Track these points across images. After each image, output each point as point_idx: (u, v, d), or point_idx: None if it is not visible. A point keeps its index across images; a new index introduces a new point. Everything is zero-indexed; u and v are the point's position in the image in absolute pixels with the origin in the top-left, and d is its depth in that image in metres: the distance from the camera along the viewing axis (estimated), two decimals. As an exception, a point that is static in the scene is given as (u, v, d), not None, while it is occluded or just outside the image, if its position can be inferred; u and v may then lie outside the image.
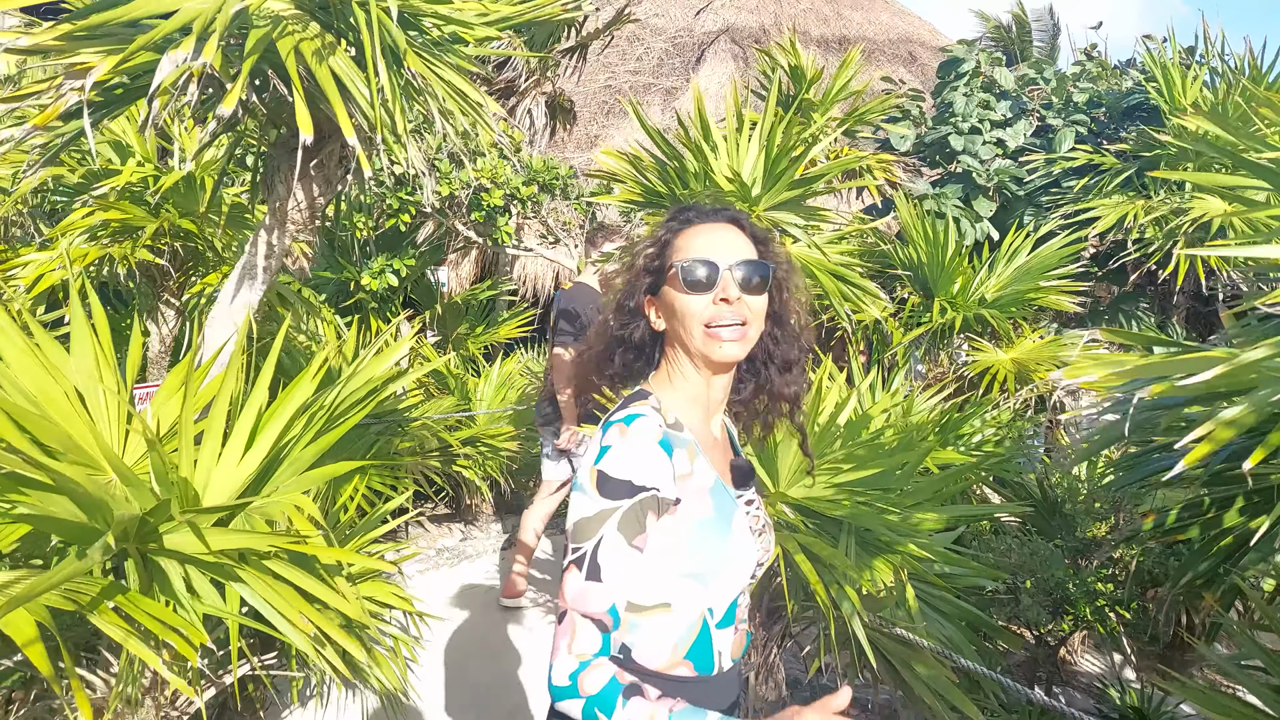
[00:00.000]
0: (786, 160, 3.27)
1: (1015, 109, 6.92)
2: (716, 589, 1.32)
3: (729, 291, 1.30)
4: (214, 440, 2.03)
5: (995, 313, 5.01)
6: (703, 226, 1.38)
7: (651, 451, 1.25)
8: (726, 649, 1.38)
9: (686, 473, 1.30)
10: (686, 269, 1.30)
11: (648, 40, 12.35)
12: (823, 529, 2.89)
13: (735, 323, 1.30)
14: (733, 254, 1.33)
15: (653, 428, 1.27)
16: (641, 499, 1.22)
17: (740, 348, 1.32)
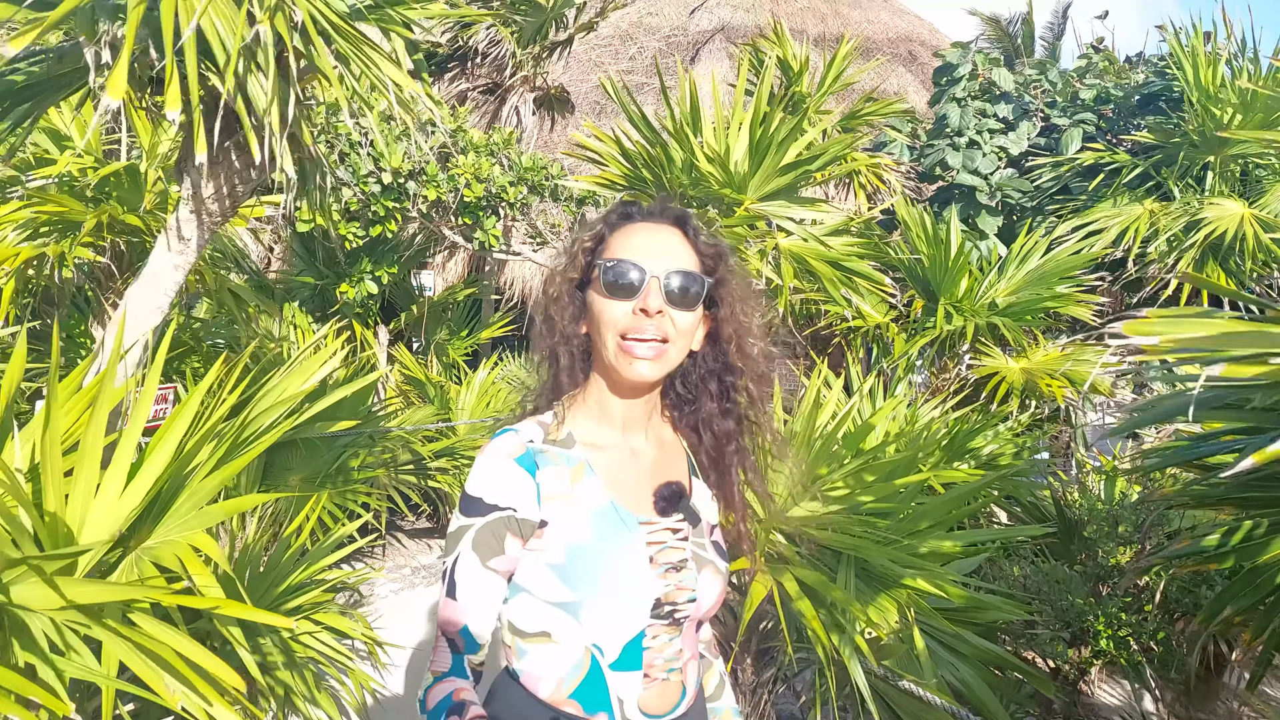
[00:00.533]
0: (774, 143, 2.94)
1: (1017, 111, 6.59)
2: (594, 624, 1.17)
3: (649, 302, 1.16)
4: (88, 470, 1.68)
5: (1008, 321, 4.68)
6: (642, 225, 1.24)
7: (506, 469, 1.18)
8: (631, 698, 1.21)
9: (560, 494, 1.20)
10: (610, 270, 1.18)
11: (641, 39, 12.05)
12: (819, 560, 2.55)
13: (653, 338, 1.17)
14: (666, 261, 1.19)
15: (514, 445, 1.20)
16: (494, 518, 1.16)
17: (654, 368, 1.18)
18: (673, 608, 1.22)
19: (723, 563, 1.31)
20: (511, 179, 6.30)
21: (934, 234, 4.84)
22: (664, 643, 1.24)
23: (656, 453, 1.32)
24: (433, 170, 5.60)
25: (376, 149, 5.27)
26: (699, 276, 1.21)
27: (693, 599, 1.24)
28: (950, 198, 6.20)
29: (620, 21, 12.57)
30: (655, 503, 1.27)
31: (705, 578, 1.26)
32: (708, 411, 1.32)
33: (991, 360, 4.86)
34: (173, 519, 1.81)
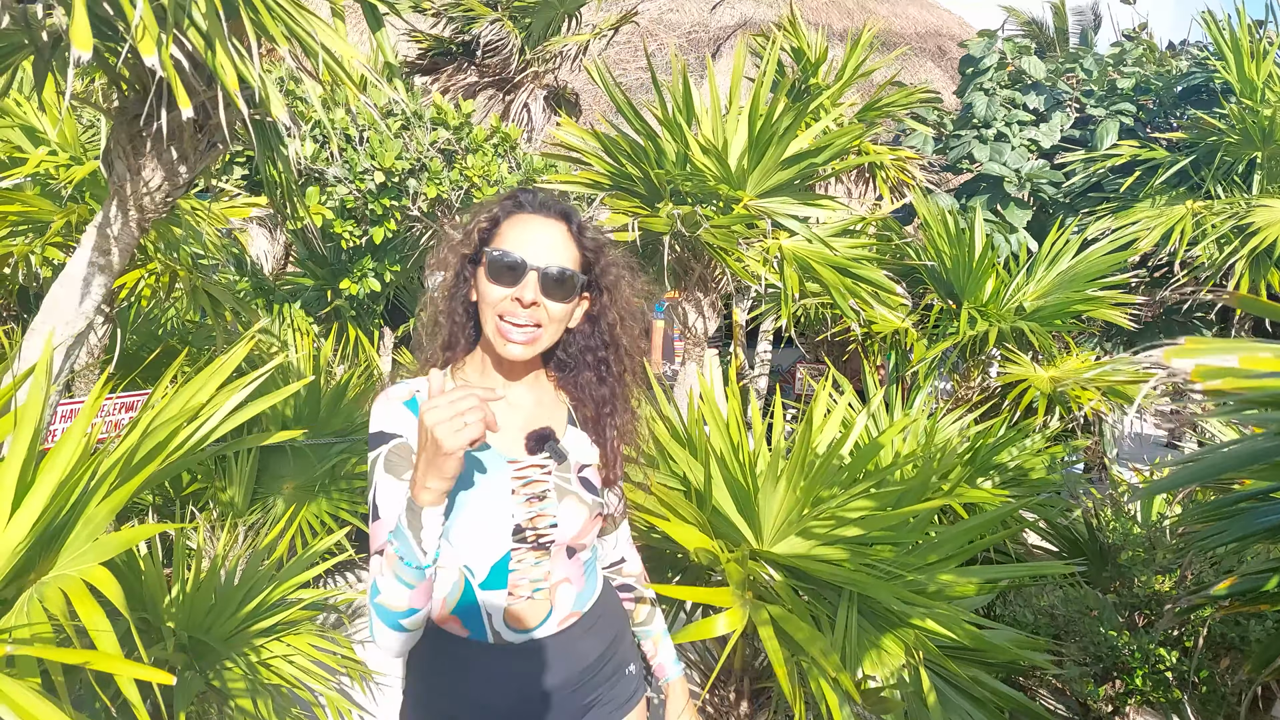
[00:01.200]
0: (775, 134, 2.67)
1: (1049, 101, 6.23)
2: (464, 546, 1.35)
3: (525, 294, 1.33)
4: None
5: (1036, 325, 4.35)
6: (531, 216, 1.39)
7: (394, 409, 1.36)
8: (498, 614, 1.38)
9: None
10: (495, 259, 1.34)
11: (661, 36, 11.80)
12: (817, 597, 2.28)
13: (527, 324, 1.35)
14: (546, 256, 1.35)
15: (401, 392, 1.38)
16: (395, 443, 1.33)
17: (526, 350, 1.36)
18: (535, 533, 1.40)
19: (589, 495, 1.46)
20: (520, 178, 6.07)
21: (957, 233, 4.53)
22: (529, 565, 1.41)
23: (532, 407, 1.48)
24: (435, 167, 5.38)
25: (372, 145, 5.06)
26: (574, 273, 1.37)
27: (554, 524, 1.41)
28: (975, 190, 5.87)
29: (641, 18, 12.32)
30: (526, 444, 1.43)
31: (566, 506, 1.43)
32: (584, 379, 1.52)
33: (1018, 368, 4.54)
34: (69, 551, 1.60)
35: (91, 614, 1.47)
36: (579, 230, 1.42)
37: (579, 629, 1.48)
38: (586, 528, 1.46)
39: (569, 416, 1.53)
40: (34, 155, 3.59)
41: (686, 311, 3.03)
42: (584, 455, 1.50)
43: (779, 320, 5.97)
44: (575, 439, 1.51)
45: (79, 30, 1.44)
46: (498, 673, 1.39)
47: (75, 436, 1.54)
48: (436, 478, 1.16)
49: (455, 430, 1.12)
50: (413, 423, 1.33)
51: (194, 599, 2.80)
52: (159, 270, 3.92)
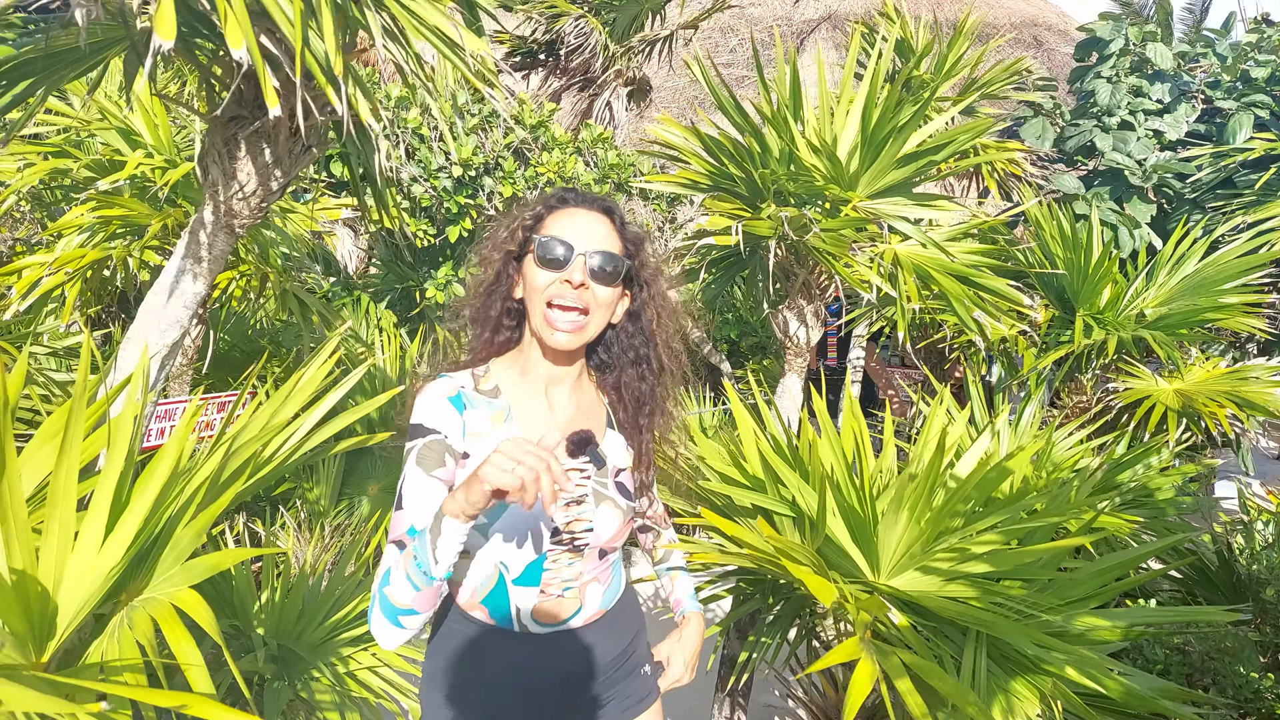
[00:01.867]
0: (890, 129, 2.47)
1: (1175, 91, 5.81)
2: (500, 544, 1.38)
3: (574, 276, 1.36)
4: (62, 520, 1.40)
5: (1160, 334, 4.02)
6: (575, 210, 1.44)
7: (438, 404, 1.39)
8: (527, 609, 1.42)
9: (481, 432, 1.41)
10: (544, 245, 1.37)
11: (742, 31, 11.56)
12: (941, 637, 2.09)
13: (575, 307, 1.37)
14: (592, 242, 1.39)
15: (447, 387, 1.42)
16: (431, 439, 1.35)
17: (572, 339, 1.39)
18: (572, 536, 1.44)
19: (624, 500, 1.51)
20: (596, 176, 5.97)
21: (1072, 233, 4.22)
22: (563, 565, 1.45)
23: (574, 409, 1.51)
24: (510, 166, 5.31)
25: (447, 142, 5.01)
26: (620, 258, 1.42)
27: (590, 529, 1.46)
28: (1094, 184, 5.51)
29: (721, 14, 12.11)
30: (566, 446, 1.46)
31: (603, 511, 1.47)
32: (627, 376, 1.55)
33: (1139, 380, 4.21)
34: (159, 573, 1.53)
35: (183, 643, 1.39)
36: (621, 224, 1.48)
37: (602, 625, 1.52)
38: (620, 532, 1.50)
39: (608, 418, 1.59)
40: (132, 158, 3.62)
41: (788, 320, 2.85)
42: (621, 460, 1.55)
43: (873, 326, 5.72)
44: (613, 442, 1.56)
45: (164, 18, 1.36)
46: (518, 658, 1.43)
47: (170, 455, 1.47)
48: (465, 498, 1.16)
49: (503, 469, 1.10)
50: (453, 418, 1.38)
51: (283, 606, 2.76)
52: (250, 272, 3.93)
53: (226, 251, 2.04)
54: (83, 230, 3.53)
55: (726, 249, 2.80)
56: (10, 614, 1.29)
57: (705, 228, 2.49)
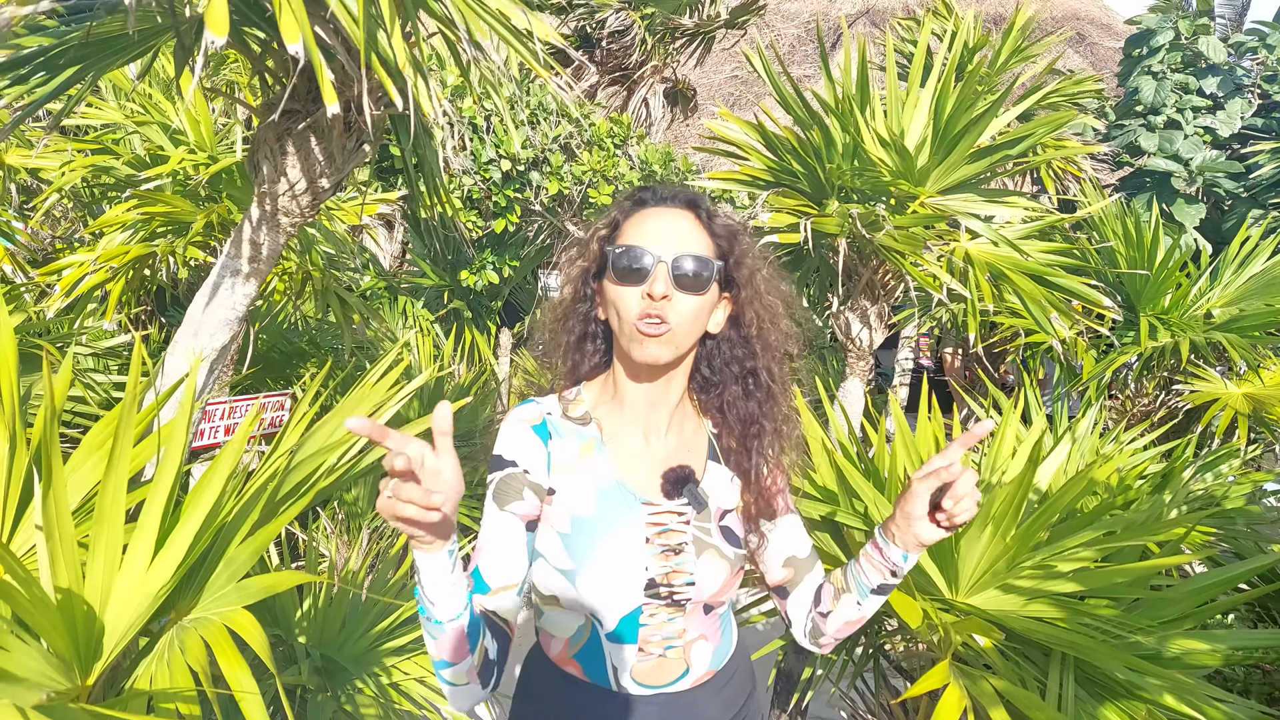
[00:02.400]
0: (966, 123, 2.34)
1: (1227, 85, 5.59)
2: (591, 594, 1.21)
3: (655, 287, 1.18)
4: (109, 535, 1.32)
5: (1234, 337, 3.84)
6: (654, 210, 1.26)
7: (520, 432, 1.25)
8: (625, 668, 1.25)
9: (568, 465, 1.26)
10: (619, 257, 1.21)
11: (779, 27, 11.41)
12: (1023, 659, 1.96)
13: (660, 318, 1.19)
14: (674, 245, 1.21)
15: (532, 414, 1.27)
16: (511, 472, 1.22)
17: (663, 350, 1.20)
18: (669, 589, 1.24)
19: (730, 548, 1.29)
20: (640, 175, 5.86)
21: (1136, 234, 4.06)
22: (662, 621, 1.26)
23: (673, 438, 1.32)
24: (556, 161, 5.21)
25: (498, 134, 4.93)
26: (708, 260, 1.22)
27: (691, 582, 1.25)
28: (1139, 186, 5.31)
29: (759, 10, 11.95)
30: (662, 485, 1.28)
31: (705, 562, 1.26)
32: (731, 394, 1.34)
33: (1207, 384, 4.04)
34: (211, 591, 1.45)
35: (237, 671, 1.30)
36: (709, 218, 1.27)
37: (711, 688, 1.33)
38: (727, 585, 1.29)
39: (710, 449, 1.36)
40: (174, 154, 3.58)
41: (850, 321, 2.73)
42: (725, 499, 1.33)
43: (921, 327, 5.57)
44: (716, 478, 1.34)
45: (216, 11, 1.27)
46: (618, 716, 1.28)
47: (224, 467, 1.39)
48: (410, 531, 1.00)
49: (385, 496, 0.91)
50: (536, 449, 1.24)
51: (326, 615, 2.69)
52: (293, 270, 3.87)
53: (277, 251, 1.96)
54: (125, 228, 3.48)
55: (786, 248, 2.68)
56: (55, 635, 1.21)
57: (769, 225, 2.38)
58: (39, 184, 3.81)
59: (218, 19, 1.26)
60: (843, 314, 2.73)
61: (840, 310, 2.74)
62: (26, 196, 4.14)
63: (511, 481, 1.20)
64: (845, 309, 2.74)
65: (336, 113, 1.48)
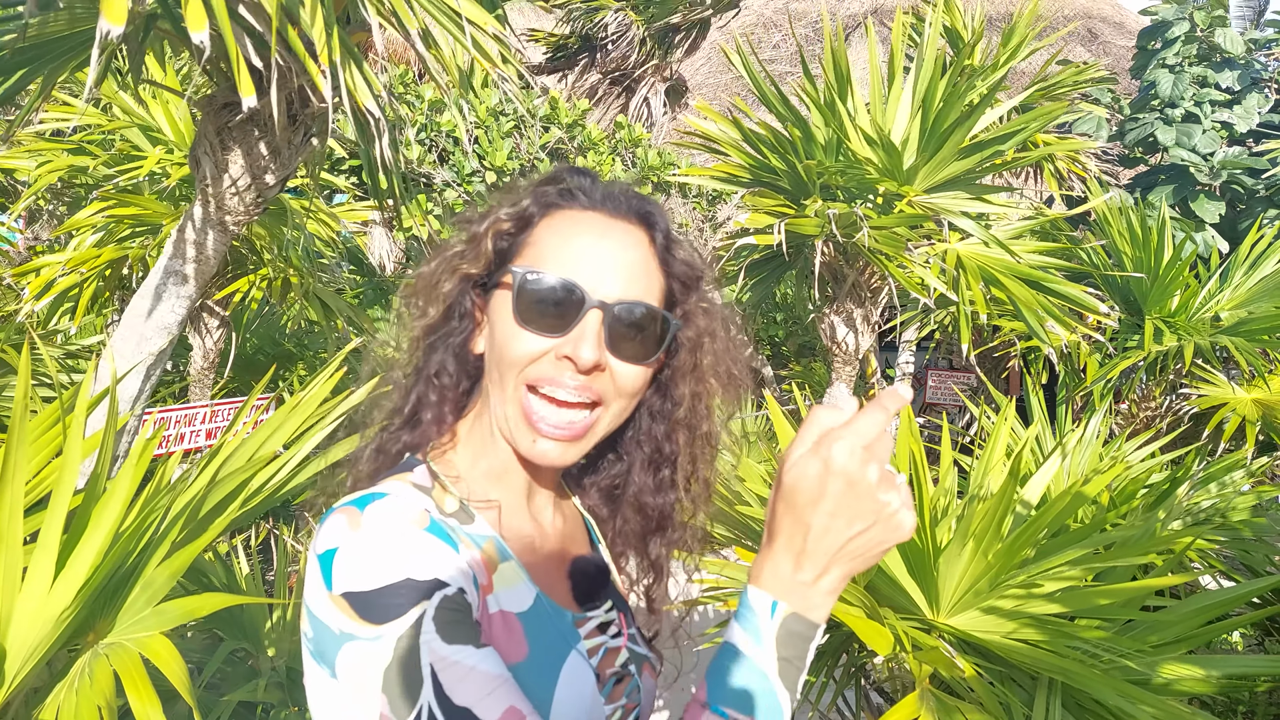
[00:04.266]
0: (955, 117, 2.23)
1: (1245, 79, 5.44)
2: None
3: (582, 352, 0.76)
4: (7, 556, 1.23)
5: (1241, 341, 3.71)
6: (590, 218, 0.83)
7: (424, 540, 0.71)
8: None
9: (484, 585, 0.76)
10: (528, 287, 0.78)
11: (786, 27, 11.29)
12: (1008, 683, 1.85)
13: (578, 401, 0.79)
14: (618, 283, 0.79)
15: (415, 514, 0.72)
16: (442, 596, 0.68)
17: (567, 451, 0.80)
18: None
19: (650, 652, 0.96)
20: (636, 177, 5.77)
21: (1142, 233, 3.92)
22: None
23: (561, 521, 0.94)
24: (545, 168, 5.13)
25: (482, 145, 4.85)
26: (661, 314, 0.83)
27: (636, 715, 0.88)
28: (1155, 181, 5.17)
29: (764, 9, 11.85)
30: (572, 587, 0.88)
31: (645, 682, 0.91)
32: (637, 482, 0.96)
33: (1214, 389, 3.90)
34: (128, 614, 1.37)
35: (145, 704, 1.21)
36: (666, 244, 0.88)
37: None
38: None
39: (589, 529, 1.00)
40: (150, 154, 3.51)
41: (835, 325, 2.62)
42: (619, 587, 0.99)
43: (923, 329, 5.45)
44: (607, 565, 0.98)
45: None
46: None
47: (126, 482, 1.30)
48: (860, 562, 0.66)
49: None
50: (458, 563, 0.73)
51: (295, 626, 2.61)
52: (270, 275, 3.80)
53: (222, 251, 1.87)
54: (96, 229, 3.42)
55: (768, 250, 2.58)
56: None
57: (745, 226, 2.27)
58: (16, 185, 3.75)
59: (115, 8, 1.17)
60: (828, 317, 2.63)
61: (825, 314, 2.63)
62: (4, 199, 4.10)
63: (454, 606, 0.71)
64: (830, 312, 2.63)
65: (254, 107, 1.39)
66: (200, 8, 1.21)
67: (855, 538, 0.64)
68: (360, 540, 0.70)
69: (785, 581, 0.66)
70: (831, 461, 0.62)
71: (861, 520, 0.63)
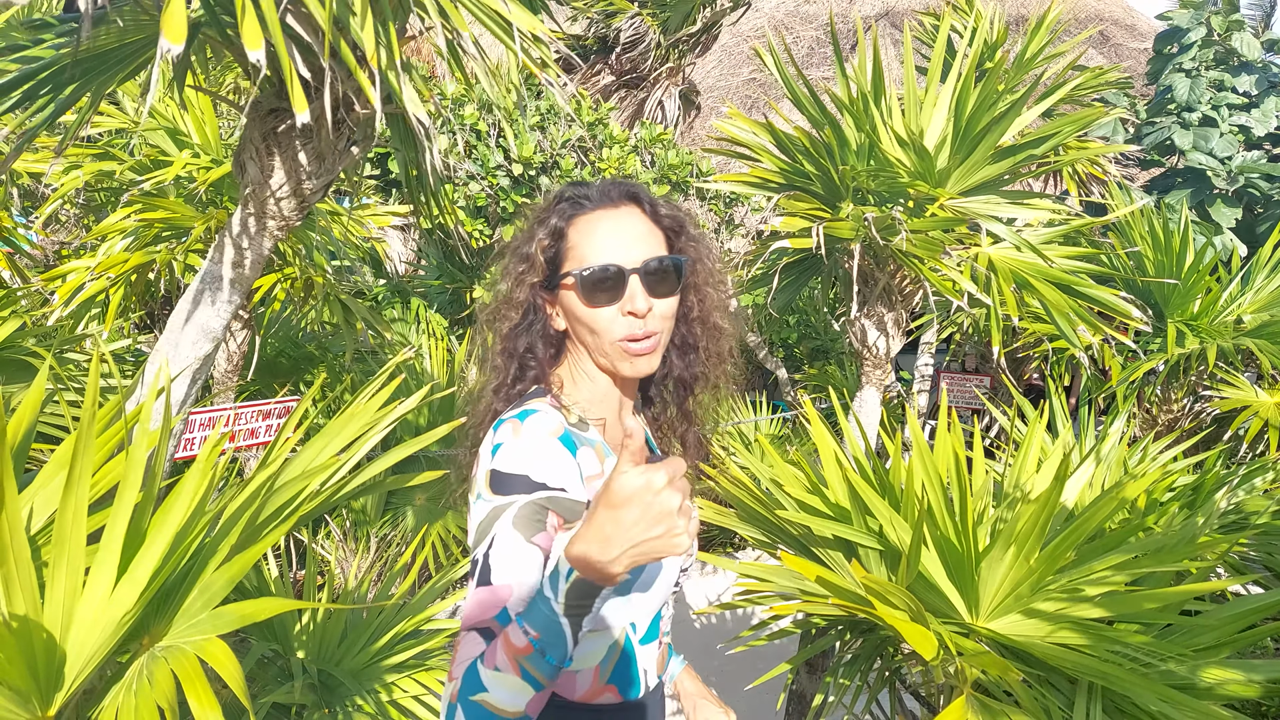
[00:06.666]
0: (989, 121, 2.24)
1: (1262, 83, 5.43)
2: (639, 601, 1.18)
3: (637, 303, 1.13)
4: (70, 559, 1.24)
5: (1264, 343, 3.70)
6: (600, 214, 1.18)
7: (550, 446, 1.09)
8: (652, 666, 1.25)
9: (595, 473, 1.15)
10: (586, 278, 1.13)
11: (797, 29, 11.30)
12: (1047, 687, 1.85)
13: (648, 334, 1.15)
14: (637, 250, 1.15)
15: (554, 424, 1.12)
16: (540, 496, 1.05)
17: (654, 361, 1.18)
18: (682, 574, 1.30)
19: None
20: (654, 176, 5.78)
21: (1164, 236, 3.92)
22: (668, 610, 1.30)
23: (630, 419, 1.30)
24: (567, 165, 5.14)
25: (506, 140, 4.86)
26: (673, 259, 1.18)
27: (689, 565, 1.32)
28: (1172, 184, 5.16)
29: (775, 11, 11.86)
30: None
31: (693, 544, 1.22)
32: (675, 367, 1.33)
33: (1237, 391, 3.89)
34: (184, 618, 1.38)
35: (205, 707, 1.22)
36: (653, 209, 1.23)
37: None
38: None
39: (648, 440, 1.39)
40: (178, 159, 3.53)
41: (866, 328, 2.62)
42: None
43: (943, 332, 5.45)
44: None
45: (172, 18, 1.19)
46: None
47: (191, 486, 1.31)
48: (642, 559, 0.88)
49: (666, 532, 0.85)
50: (569, 465, 1.09)
51: (325, 628, 2.62)
52: (295, 276, 3.81)
53: (264, 256, 1.89)
54: (125, 234, 3.44)
55: (799, 253, 2.59)
56: (11, 666, 1.14)
57: (780, 229, 2.28)
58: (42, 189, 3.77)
59: (175, 27, 1.18)
60: (859, 321, 2.63)
61: (856, 317, 2.63)
62: (30, 202, 4.12)
63: (539, 508, 1.04)
64: (861, 316, 2.63)
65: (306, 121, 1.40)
66: (256, 26, 1.22)
67: (645, 541, 0.85)
68: (514, 442, 1.08)
69: (584, 561, 0.87)
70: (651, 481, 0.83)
71: (655, 530, 0.84)
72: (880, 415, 2.63)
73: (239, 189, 1.87)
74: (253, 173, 1.81)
